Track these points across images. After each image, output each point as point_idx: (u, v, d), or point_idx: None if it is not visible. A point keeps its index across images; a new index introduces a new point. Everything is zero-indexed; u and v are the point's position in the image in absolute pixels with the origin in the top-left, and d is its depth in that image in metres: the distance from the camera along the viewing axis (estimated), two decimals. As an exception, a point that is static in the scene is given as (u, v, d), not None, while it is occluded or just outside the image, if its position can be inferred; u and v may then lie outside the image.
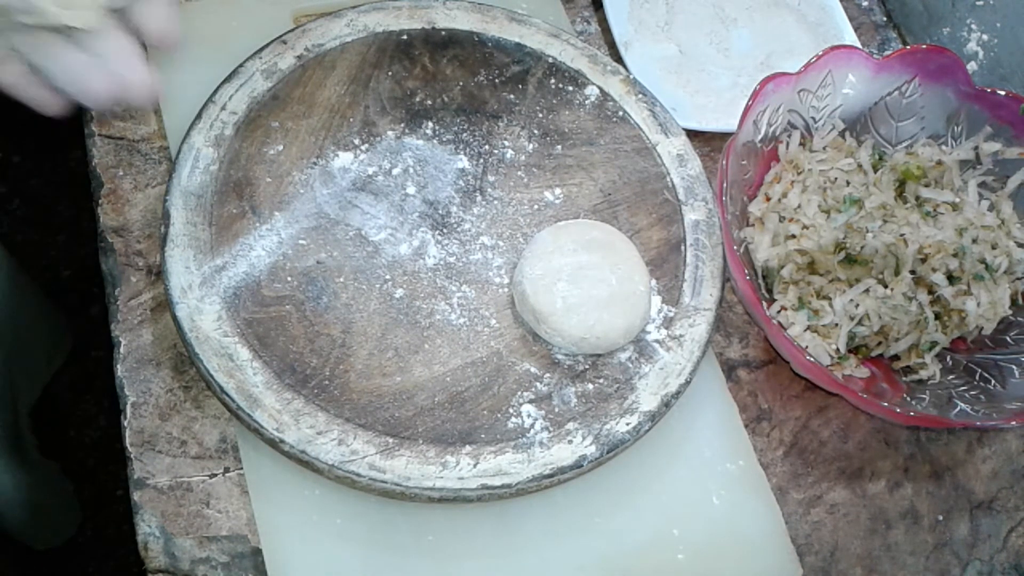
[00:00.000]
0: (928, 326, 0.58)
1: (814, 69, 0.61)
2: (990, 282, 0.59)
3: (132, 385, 0.53)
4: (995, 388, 0.57)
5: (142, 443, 0.52)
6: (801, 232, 0.60)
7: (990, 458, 0.61)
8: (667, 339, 0.56)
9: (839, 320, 0.58)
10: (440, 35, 0.65)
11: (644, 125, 0.64)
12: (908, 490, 0.59)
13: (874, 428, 0.60)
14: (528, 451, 0.52)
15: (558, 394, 0.54)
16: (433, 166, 0.61)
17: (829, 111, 0.64)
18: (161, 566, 0.49)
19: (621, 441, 0.53)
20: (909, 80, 0.64)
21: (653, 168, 0.63)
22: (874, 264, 0.58)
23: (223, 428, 0.53)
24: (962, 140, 0.65)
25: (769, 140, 0.63)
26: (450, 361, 0.54)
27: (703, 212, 0.62)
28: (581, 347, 0.55)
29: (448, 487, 0.50)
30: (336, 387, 0.52)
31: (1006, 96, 0.62)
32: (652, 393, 0.54)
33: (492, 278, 0.57)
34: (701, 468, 0.56)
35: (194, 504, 0.50)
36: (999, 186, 0.64)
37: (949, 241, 0.59)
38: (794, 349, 0.53)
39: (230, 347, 0.51)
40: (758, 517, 0.55)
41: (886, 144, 0.66)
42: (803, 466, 0.58)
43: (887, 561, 0.56)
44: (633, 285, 0.55)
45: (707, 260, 0.60)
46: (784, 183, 0.63)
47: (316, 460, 0.49)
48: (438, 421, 0.52)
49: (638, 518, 0.54)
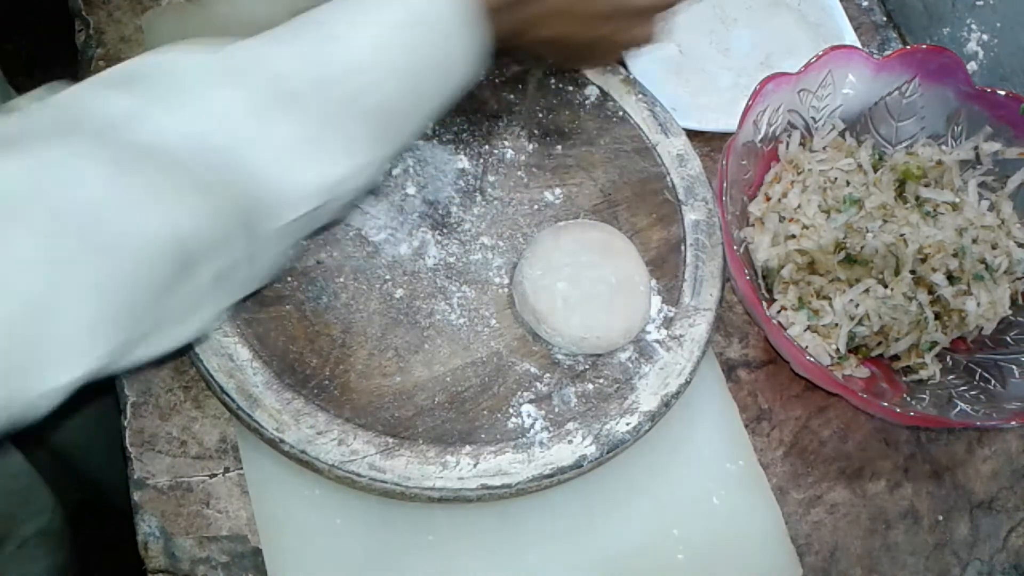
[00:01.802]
0: (928, 326, 0.58)
1: (814, 69, 0.61)
2: (990, 282, 0.59)
3: (132, 385, 0.53)
4: (995, 388, 0.57)
5: (142, 443, 0.52)
6: (801, 232, 0.60)
7: (990, 458, 0.61)
8: (667, 339, 0.56)
9: (839, 320, 0.58)
10: (440, 35, 0.65)
11: (644, 125, 0.64)
12: (908, 490, 0.59)
13: (874, 428, 0.60)
14: (528, 451, 0.52)
15: (558, 394, 0.54)
16: (433, 166, 0.60)
17: (829, 111, 0.64)
18: (161, 566, 0.49)
19: (621, 441, 0.53)
20: (909, 80, 0.64)
21: (653, 168, 0.63)
22: (874, 264, 0.58)
23: (223, 428, 0.53)
24: (962, 140, 0.65)
25: (769, 140, 0.63)
26: (450, 361, 0.54)
27: (703, 212, 0.62)
28: (581, 347, 0.55)
29: (448, 487, 0.50)
30: (336, 387, 0.52)
31: (1006, 96, 0.62)
32: (652, 393, 0.54)
33: (492, 278, 0.57)
34: (701, 468, 0.56)
35: (194, 504, 0.50)
36: (999, 186, 0.64)
37: (949, 241, 0.59)
38: (794, 349, 0.53)
39: (230, 347, 0.51)
40: (758, 517, 0.55)
41: (886, 144, 0.66)
42: (803, 466, 0.58)
43: (887, 561, 0.56)
44: (633, 285, 0.55)
45: (707, 260, 0.60)
46: (784, 183, 0.63)
47: (316, 460, 0.49)
48: (438, 421, 0.52)
49: (638, 518, 0.54)
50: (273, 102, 0.40)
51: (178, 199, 0.37)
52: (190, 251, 0.38)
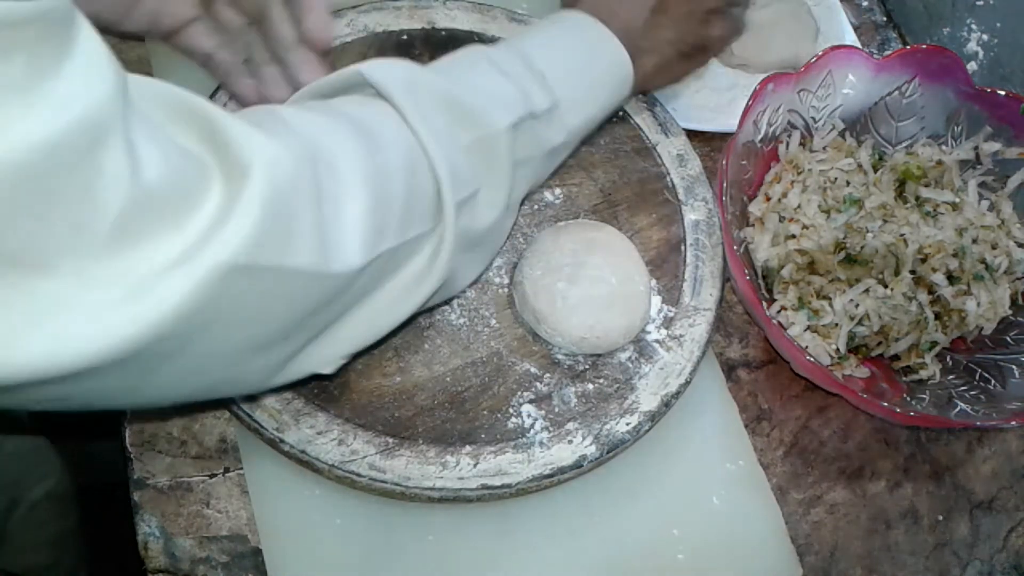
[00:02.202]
0: (928, 326, 0.58)
1: (814, 69, 0.61)
2: (990, 282, 0.59)
3: (132, 385, 0.53)
4: (995, 388, 0.57)
5: (142, 443, 0.52)
6: (801, 232, 0.60)
7: (990, 458, 0.61)
8: (667, 339, 0.56)
9: (839, 320, 0.58)
10: (440, 35, 0.65)
11: (644, 125, 0.64)
12: (908, 490, 0.59)
13: (874, 428, 0.60)
14: (528, 451, 0.52)
15: (558, 394, 0.54)
16: (433, 166, 0.60)
17: (829, 111, 0.64)
18: (161, 566, 0.49)
19: (621, 441, 0.53)
20: (909, 80, 0.64)
21: (653, 168, 0.63)
22: (874, 264, 0.58)
23: (223, 428, 0.53)
24: (962, 140, 0.65)
25: (769, 140, 0.63)
26: (450, 361, 0.54)
27: (703, 212, 0.62)
28: (581, 347, 0.55)
29: (448, 487, 0.50)
30: (336, 387, 0.52)
31: (1006, 96, 0.62)
32: (652, 393, 0.54)
33: (492, 278, 0.57)
34: (701, 468, 0.56)
35: (194, 504, 0.50)
36: (999, 186, 0.64)
37: (949, 241, 0.59)
38: (794, 349, 0.53)
39: (230, 347, 0.51)
40: (758, 517, 0.55)
41: (886, 144, 0.66)
42: (803, 466, 0.58)
43: (887, 561, 0.56)
44: (633, 285, 0.55)
45: (707, 260, 0.60)
46: (784, 183, 0.63)
47: (316, 460, 0.49)
48: (438, 421, 0.52)
49: (638, 518, 0.54)
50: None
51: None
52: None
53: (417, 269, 0.43)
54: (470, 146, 0.44)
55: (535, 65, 0.48)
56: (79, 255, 0.28)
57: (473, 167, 0.44)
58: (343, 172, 0.38)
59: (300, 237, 0.35)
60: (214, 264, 0.31)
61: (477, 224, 0.45)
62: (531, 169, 0.50)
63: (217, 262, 0.31)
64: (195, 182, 0.31)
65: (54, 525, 0.71)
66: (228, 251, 0.31)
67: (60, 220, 0.27)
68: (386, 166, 0.40)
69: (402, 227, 0.41)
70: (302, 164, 0.35)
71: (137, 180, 0.28)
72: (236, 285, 0.32)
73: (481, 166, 0.45)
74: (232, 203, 0.32)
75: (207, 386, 0.39)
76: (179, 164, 0.31)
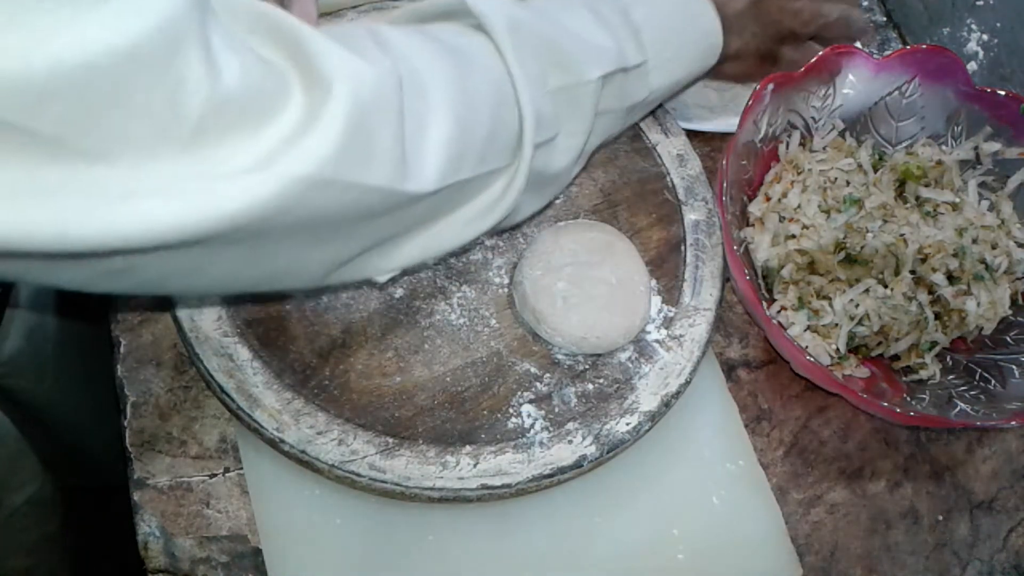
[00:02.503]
0: (928, 326, 0.58)
1: (814, 69, 0.61)
2: (990, 282, 0.59)
3: (132, 385, 0.53)
4: (995, 388, 0.57)
5: (142, 443, 0.52)
6: (801, 232, 0.60)
7: (990, 458, 0.61)
8: (667, 339, 0.56)
9: (839, 320, 0.58)
10: (440, 35, 0.65)
11: (644, 125, 0.64)
12: (908, 490, 0.59)
13: (874, 428, 0.60)
14: (528, 451, 0.52)
15: (558, 394, 0.54)
16: (433, 166, 0.60)
17: (829, 111, 0.64)
18: (161, 566, 0.49)
19: (621, 441, 0.53)
20: (909, 80, 0.64)
21: (653, 168, 0.63)
22: (874, 264, 0.58)
23: (223, 428, 0.53)
24: (962, 140, 0.65)
25: (769, 140, 0.63)
26: (450, 361, 0.54)
27: (703, 212, 0.62)
28: (581, 347, 0.55)
29: (448, 487, 0.50)
30: (336, 387, 0.52)
31: (1006, 96, 0.62)
32: (652, 393, 0.54)
33: (492, 278, 0.57)
34: (701, 468, 0.56)
35: (194, 504, 0.50)
36: (999, 186, 0.64)
37: (949, 241, 0.59)
38: (794, 349, 0.53)
39: (230, 347, 0.51)
40: (758, 517, 0.55)
41: (886, 144, 0.66)
42: (803, 466, 0.58)
43: (887, 561, 0.56)
44: (633, 285, 0.55)
45: (707, 260, 0.60)
46: (784, 183, 0.63)
47: (316, 460, 0.49)
48: (438, 421, 0.52)
49: (638, 518, 0.54)
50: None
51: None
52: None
53: (486, 202, 0.44)
54: (558, 91, 0.44)
55: (632, 18, 0.48)
56: (157, 155, 0.29)
57: (557, 112, 0.44)
58: (431, 95, 0.38)
59: (380, 154, 0.35)
60: (293, 175, 0.31)
61: (551, 167, 0.46)
62: (610, 121, 0.50)
63: (297, 174, 0.32)
64: (275, 92, 0.32)
65: (35, 530, 0.71)
66: (309, 164, 0.32)
67: (139, 122, 0.28)
68: (475, 96, 0.40)
69: (481, 159, 0.41)
70: (388, 82, 0.35)
71: (216, 87, 0.29)
72: (311, 195, 0.33)
73: (565, 112, 0.45)
74: (314, 117, 0.32)
75: (266, 276, 0.39)
76: (258, 73, 0.31)
